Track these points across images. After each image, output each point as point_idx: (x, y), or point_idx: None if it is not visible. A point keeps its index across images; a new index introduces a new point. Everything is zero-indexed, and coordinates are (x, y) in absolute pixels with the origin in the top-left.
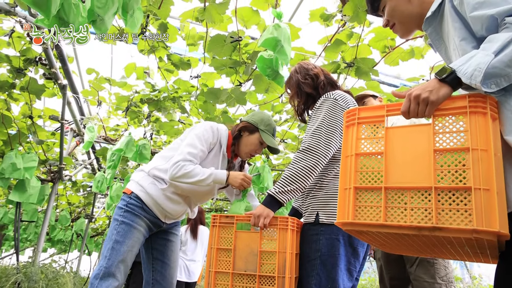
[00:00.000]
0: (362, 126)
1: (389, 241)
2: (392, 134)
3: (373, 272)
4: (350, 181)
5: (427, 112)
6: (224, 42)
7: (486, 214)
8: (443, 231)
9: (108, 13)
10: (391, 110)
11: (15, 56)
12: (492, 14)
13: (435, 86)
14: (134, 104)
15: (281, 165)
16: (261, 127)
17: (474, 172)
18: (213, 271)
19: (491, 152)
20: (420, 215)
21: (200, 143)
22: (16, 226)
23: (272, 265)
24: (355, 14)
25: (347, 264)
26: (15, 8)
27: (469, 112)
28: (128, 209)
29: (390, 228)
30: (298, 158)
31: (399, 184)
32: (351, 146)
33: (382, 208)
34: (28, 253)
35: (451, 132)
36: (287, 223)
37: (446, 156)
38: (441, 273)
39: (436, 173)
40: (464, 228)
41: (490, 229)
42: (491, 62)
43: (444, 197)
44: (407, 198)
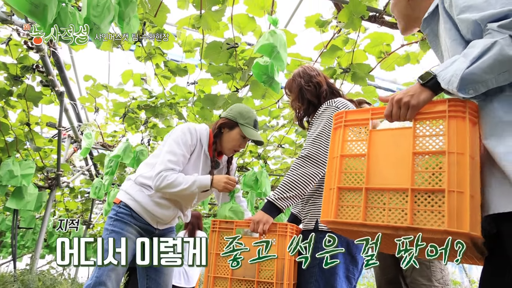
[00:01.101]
0: (348, 128)
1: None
2: (375, 136)
3: (371, 276)
4: (334, 181)
5: (408, 116)
6: (220, 49)
7: (458, 216)
8: (417, 232)
9: (104, 21)
10: (375, 114)
11: (12, 64)
12: (475, 19)
13: (416, 90)
14: (131, 110)
15: (279, 170)
16: (240, 121)
17: (449, 175)
18: (211, 276)
19: (467, 155)
20: (397, 215)
21: (179, 148)
22: (13, 233)
23: (271, 271)
24: (350, 20)
25: (345, 272)
26: (12, 16)
27: (448, 116)
28: (118, 217)
29: (368, 227)
30: (298, 165)
31: (379, 185)
32: (337, 148)
33: (362, 208)
34: (26, 260)
35: (430, 136)
36: (286, 229)
37: (425, 159)
38: (437, 276)
39: (414, 175)
40: (436, 229)
41: (461, 230)
42: (469, 69)
43: (420, 199)
44: (386, 199)
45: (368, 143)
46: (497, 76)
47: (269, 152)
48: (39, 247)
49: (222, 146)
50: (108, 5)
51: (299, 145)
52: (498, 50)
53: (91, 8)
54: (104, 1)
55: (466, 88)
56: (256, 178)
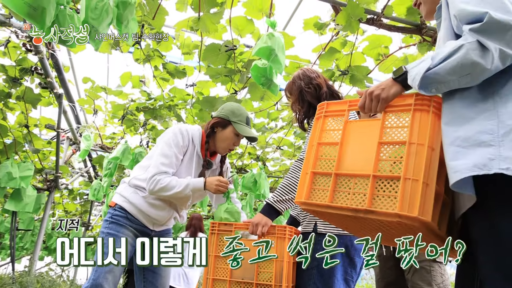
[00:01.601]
0: (328, 119)
1: (345, 223)
2: (349, 126)
3: (370, 278)
4: (310, 166)
5: (379, 108)
6: (219, 51)
7: (411, 201)
8: (374, 214)
9: (102, 24)
10: (352, 105)
11: (11, 66)
12: (454, 14)
13: (388, 84)
14: (130, 112)
15: (278, 172)
16: (233, 119)
17: (407, 163)
18: (210, 278)
19: (426, 146)
20: (359, 199)
21: (171, 150)
22: (12, 235)
23: (269, 274)
24: (348, 23)
25: (344, 274)
26: (10, 19)
27: (413, 109)
28: (113, 220)
29: (333, 208)
30: (297, 168)
31: (347, 171)
32: (316, 136)
33: (330, 191)
34: (25, 262)
35: (397, 127)
36: (285, 232)
37: (389, 148)
38: (437, 280)
39: (378, 163)
40: (389, 212)
41: (411, 214)
42: (433, 69)
43: (380, 185)
44: (352, 184)
45: (342, 132)
46: (459, 78)
47: (268, 154)
48: (38, 249)
49: (216, 146)
50: (106, 8)
51: (297, 147)
52: (463, 53)
53: (89, 10)
54: (102, 4)
55: (429, 87)
56: (255, 180)
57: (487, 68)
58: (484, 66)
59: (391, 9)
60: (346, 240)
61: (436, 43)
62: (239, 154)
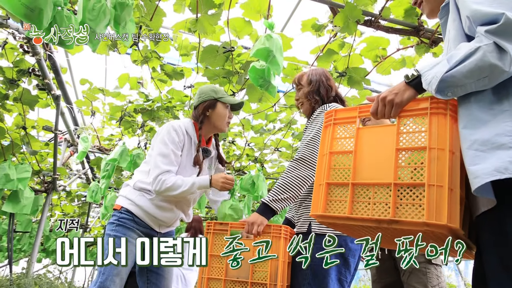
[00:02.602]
0: (337, 126)
1: (363, 233)
2: (362, 133)
3: (368, 280)
4: (323, 177)
5: (393, 113)
6: (216, 52)
7: (437, 208)
8: (399, 224)
9: (100, 25)
10: (363, 112)
11: (8, 67)
12: (467, 15)
13: (401, 89)
14: (128, 114)
15: (276, 174)
16: (217, 96)
17: (430, 169)
18: (205, 277)
19: (447, 151)
20: (381, 209)
21: (167, 148)
22: (9, 237)
23: (264, 273)
24: (346, 24)
25: (338, 274)
26: (8, 20)
27: (430, 114)
28: (120, 223)
29: (354, 220)
30: (292, 168)
31: (365, 180)
32: (327, 145)
33: (349, 202)
34: (23, 264)
35: (413, 132)
36: (281, 231)
37: (409, 154)
38: (433, 282)
39: (397, 171)
40: (416, 221)
41: (439, 222)
42: (449, 72)
43: (403, 193)
44: (371, 193)
45: (355, 140)
46: (477, 81)
47: (266, 155)
48: (36, 251)
49: (215, 126)
50: (104, 9)
51: (295, 149)
52: (480, 56)
53: (87, 11)
54: (99, 5)
55: (445, 90)
56: (253, 181)
57: (505, 70)
58: (502, 68)
59: (389, 10)
60: (340, 241)
61: (444, 44)
62: (237, 155)
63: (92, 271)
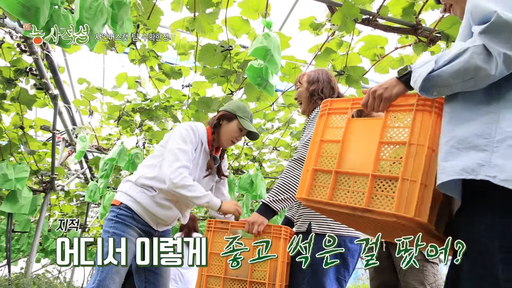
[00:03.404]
0: (331, 116)
1: (345, 220)
2: (352, 125)
3: (366, 278)
4: (312, 163)
5: (381, 107)
6: (214, 51)
7: (408, 202)
8: (371, 213)
9: (97, 24)
10: (355, 103)
11: (5, 67)
12: (468, 9)
13: (391, 84)
14: (126, 113)
15: (274, 173)
16: (239, 114)
17: (406, 164)
18: (205, 275)
19: (426, 147)
20: (358, 198)
21: (187, 145)
22: (8, 237)
23: (263, 272)
24: (344, 23)
25: (336, 274)
26: (4, 19)
27: (415, 110)
28: (119, 219)
29: (332, 206)
30: (291, 168)
31: (348, 170)
32: (319, 133)
33: (330, 189)
34: (22, 264)
35: (398, 127)
36: (281, 231)
37: (390, 148)
38: (430, 280)
39: (378, 163)
40: (387, 212)
41: (407, 215)
42: (435, 72)
43: (379, 184)
44: (351, 182)
45: (344, 130)
46: (463, 82)
47: (264, 155)
48: (34, 250)
49: (220, 138)
50: (101, 8)
51: (294, 148)
52: (467, 57)
53: (84, 10)
54: (96, 4)
55: (431, 89)
56: (252, 180)
57: (491, 74)
58: (488, 72)
59: (387, 9)
60: (340, 241)
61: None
62: (236, 155)
63: (91, 271)
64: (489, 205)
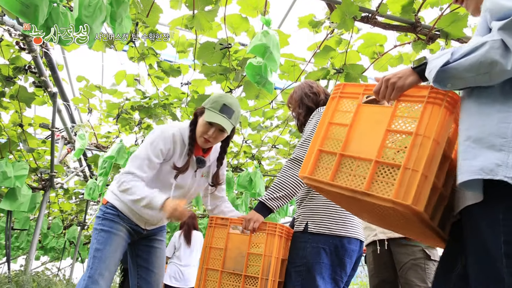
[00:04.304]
0: (342, 99)
1: (346, 203)
2: (362, 110)
3: (365, 276)
4: (318, 144)
5: (393, 96)
6: (213, 49)
7: (407, 190)
8: (369, 197)
9: (96, 21)
10: (367, 89)
11: (4, 65)
12: (488, 7)
13: (405, 73)
14: (125, 111)
15: (273, 171)
16: (207, 105)
17: (410, 154)
18: (205, 267)
19: (431, 139)
20: (359, 181)
21: (146, 152)
22: (7, 234)
23: (258, 267)
24: (343, 21)
25: (332, 273)
26: (3, 17)
27: (426, 102)
28: (106, 217)
29: (333, 187)
30: (287, 167)
31: (352, 153)
32: (328, 115)
33: (332, 170)
34: (21, 261)
35: (407, 117)
36: (275, 229)
37: (396, 136)
38: (431, 278)
39: (382, 150)
40: (385, 197)
41: (404, 202)
42: (450, 64)
43: (381, 171)
44: (354, 166)
45: (353, 115)
46: (477, 76)
47: (263, 152)
48: (34, 248)
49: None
50: (100, 5)
51: (293, 146)
52: (484, 51)
53: (83, 8)
54: (95, 1)
55: (445, 81)
56: (250, 178)
57: (506, 69)
58: (504, 67)
59: (386, 7)
60: (336, 241)
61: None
62: (235, 153)
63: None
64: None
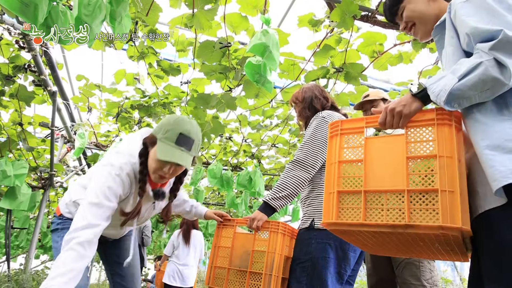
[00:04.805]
0: (344, 136)
1: (370, 240)
2: (370, 143)
3: (364, 275)
4: (334, 185)
5: (401, 124)
6: (213, 48)
7: (451, 212)
8: (414, 228)
9: (95, 20)
10: (370, 122)
11: (4, 63)
12: (467, 33)
13: (408, 100)
14: (124, 110)
15: (273, 170)
16: (159, 135)
17: (440, 176)
18: (214, 266)
19: (455, 158)
20: (395, 214)
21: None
22: (7, 233)
23: (262, 264)
24: (342, 20)
25: (337, 268)
26: (3, 16)
27: (437, 124)
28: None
29: (369, 226)
30: (289, 169)
31: (377, 188)
32: (334, 154)
33: (362, 209)
34: (21, 260)
35: (421, 142)
36: (278, 227)
37: (417, 162)
38: (426, 276)
39: (408, 178)
40: (432, 225)
41: (454, 225)
42: (455, 85)
43: (415, 199)
44: (383, 200)
45: (364, 149)
46: (480, 93)
47: (263, 151)
48: (33, 247)
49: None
50: (100, 4)
51: (292, 145)
52: (483, 70)
53: (82, 7)
54: (95, 0)
55: (452, 102)
56: (250, 177)
57: (506, 83)
58: (503, 82)
59: None
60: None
61: (442, 60)
62: (234, 152)
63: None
64: None
